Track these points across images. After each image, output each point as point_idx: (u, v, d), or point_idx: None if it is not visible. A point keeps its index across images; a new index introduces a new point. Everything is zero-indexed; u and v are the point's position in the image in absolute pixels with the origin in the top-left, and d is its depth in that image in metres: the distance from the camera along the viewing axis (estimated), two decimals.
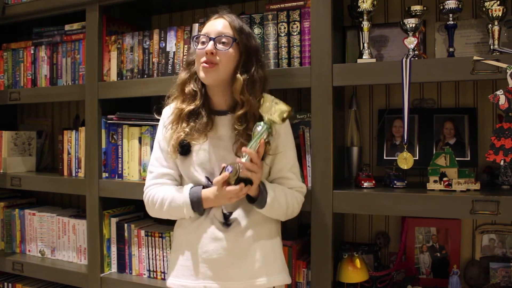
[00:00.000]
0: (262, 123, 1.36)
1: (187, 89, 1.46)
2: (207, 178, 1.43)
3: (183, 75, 1.49)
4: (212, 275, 1.40)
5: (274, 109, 1.34)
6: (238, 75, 1.41)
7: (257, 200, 1.40)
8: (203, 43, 1.43)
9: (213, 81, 1.42)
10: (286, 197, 1.44)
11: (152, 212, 1.51)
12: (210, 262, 1.41)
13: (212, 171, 1.44)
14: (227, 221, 1.42)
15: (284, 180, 1.48)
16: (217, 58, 1.39)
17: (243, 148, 1.33)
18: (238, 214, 1.43)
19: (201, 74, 1.42)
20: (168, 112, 1.53)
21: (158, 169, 1.50)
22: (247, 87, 1.40)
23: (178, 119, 1.45)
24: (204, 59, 1.40)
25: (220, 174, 1.35)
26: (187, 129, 1.43)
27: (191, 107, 1.44)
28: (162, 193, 1.46)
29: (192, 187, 1.44)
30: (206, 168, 1.44)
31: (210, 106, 1.47)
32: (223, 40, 1.40)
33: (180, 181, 1.53)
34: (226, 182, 1.35)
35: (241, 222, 1.42)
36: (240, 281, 1.40)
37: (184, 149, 1.43)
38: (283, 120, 1.35)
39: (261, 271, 1.42)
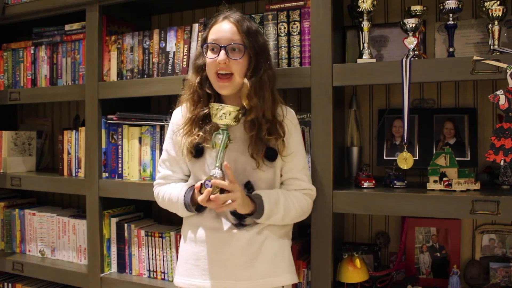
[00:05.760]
0: (220, 131, 1.37)
1: (200, 93, 1.46)
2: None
3: (195, 80, 1.47)
4: (223, 275, 1.41)
5: (223, 113, 1.35)
6: (245, 80, 1.40)
7: (252, 215, 1.40)
8: (213, 49, 1.41)
9: (231, 92, 1.43)
10: (288, 207, 1.42)
11: (161, 205, 1.58)
12: (222, 262, 1.41)
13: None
14: (242, 221, 1.42)
15: (295, 181, 1.48)
16: (231, 67, 1.38)
17: (214, 181, 1.31)
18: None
19: (218, 88, 1.42)
20: (178, 115, 1.52)
21: (164, 170, 1.56)
22: (254, 91, 1.39)
23: (192, 123, 1.44)
24: (217, 68, 1.39)
25: (200, 191, 1.35)
26: (200, 133, 1.43)
27: (205, 111, 1.43)
28: (164, 190, 1.54)
29: (187, 189, 1.45)
30: None
31: None
32: (234, 47, 1.39)
33: (185, 180, 1.55)
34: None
35: (257, 223, 1.42)
36: (251, 280, 1.40)
37: (198, 152, 1.43)
38: (237, 120, 1.37)
39: (271, 271, 1.43)
